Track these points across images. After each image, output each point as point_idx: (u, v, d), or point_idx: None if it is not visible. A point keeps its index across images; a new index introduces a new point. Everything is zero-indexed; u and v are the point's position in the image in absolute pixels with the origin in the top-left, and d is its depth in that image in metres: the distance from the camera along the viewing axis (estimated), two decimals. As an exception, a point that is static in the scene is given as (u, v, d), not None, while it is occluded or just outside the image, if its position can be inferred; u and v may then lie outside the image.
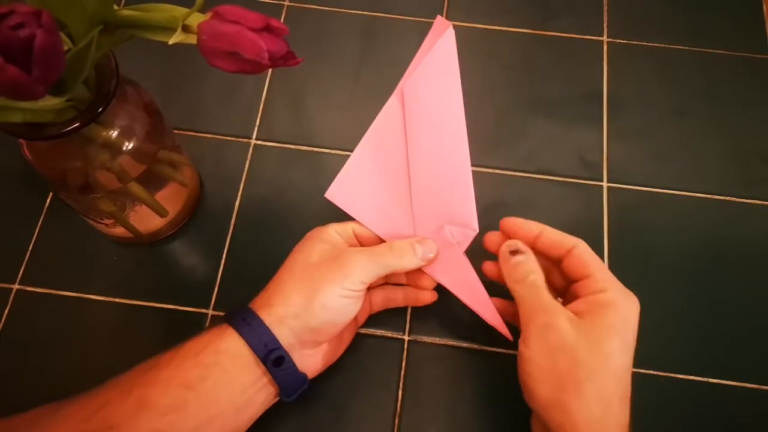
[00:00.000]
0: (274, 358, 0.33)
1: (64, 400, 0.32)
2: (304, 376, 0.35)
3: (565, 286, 0.37)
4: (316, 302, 0.33)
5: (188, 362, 0.32)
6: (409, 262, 0.37)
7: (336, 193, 0.40)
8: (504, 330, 0.38)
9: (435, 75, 0.36)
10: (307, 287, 0.34)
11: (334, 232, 0.38)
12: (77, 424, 0.30)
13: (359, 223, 0.39)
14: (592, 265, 0.35)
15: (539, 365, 0.32)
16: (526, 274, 0.35)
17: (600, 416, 0.31)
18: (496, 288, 0.38)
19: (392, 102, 0.39)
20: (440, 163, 0.37)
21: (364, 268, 0.35)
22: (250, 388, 0.33)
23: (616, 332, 0.32)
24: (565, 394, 0.31)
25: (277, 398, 0.35)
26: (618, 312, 0.33)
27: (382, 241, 0.39)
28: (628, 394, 0.32)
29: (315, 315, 0.34)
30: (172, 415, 0.31)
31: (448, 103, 0.36)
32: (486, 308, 0.38)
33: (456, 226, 0.38)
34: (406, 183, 0.39)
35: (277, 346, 0.33)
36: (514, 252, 0.36)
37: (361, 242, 0.39)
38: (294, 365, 0.34)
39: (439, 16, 0.37)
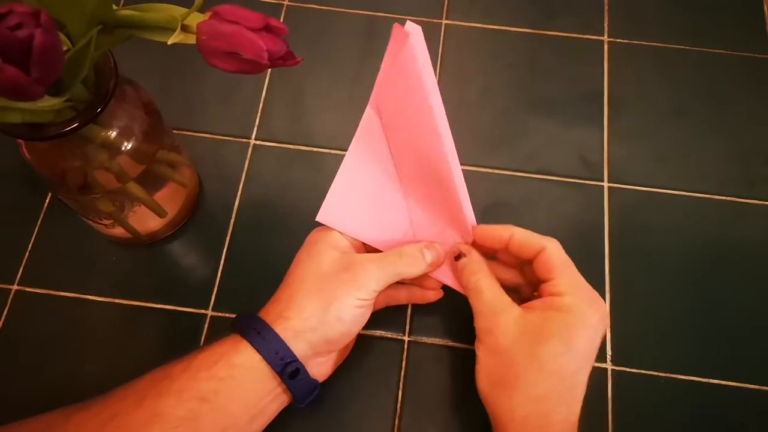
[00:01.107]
0: (290, 371, 0.33)
1: (74, 406, 0.32)
2: (316, 382, 0.35)
3: (536, 284, 0.37)
4: (331, 314, 0.34)
5: (202, 374, 0.32)
6: (419, 268, 0.37)
7: (327, 214, 0.38)
8: None
9: (401, 83, 0.34)
10: (321, 299, 0.34)
11: (339, 234, 0.37)
12: None
13: None
14: (555, 269, 0.35)
15: (482, 363, 0.35)
16: (469, 278, 0.36)
17: (526, 414, 0.32)
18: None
19: (369, 114, 0.37)
20: (428, 171, 0.36)
21: (377, 277, 0.35)
22: (264, 399, 0.33)
23: (557, 335, 0.33)
24: (497, 391, 0.34)
25: (289, 403, 0.35)
26: (567, 316, 0.33)
27: None
28: (575, 395, 0.33)
29: (331, 327, 0.34)
30: (185, 426, 0.31)
31: (420, 110, 0.34)
32: None
33: (455, 229, 0.38)
34: (398, 193, 0.38)
35: (293, 359, 0.33)
36: (457, 256, 0.37)
37: (366, 245, 0.39)
38: (308, 375, 0.34)
39: (396, 24, 0.33)
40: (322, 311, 0.34)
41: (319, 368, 0.36)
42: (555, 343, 0.33)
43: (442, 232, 0.38)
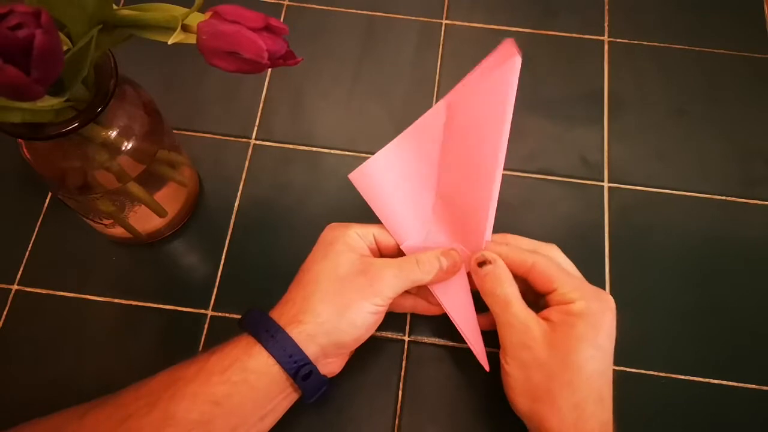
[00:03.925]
0: (303, 374, 0.33)
1: (87, 405, 0.32)
2: (325, 379, 0.35)
3: (537, 296, 0.37)
4: (346, 320, 0.34)
5: (215, 378, 0.32)
6: (435, 276, 0.36)
7: (359, 177, 0.38)
8: (483, 360, 0.37)
9: (488, 100, 0.35)
10: (337, 303, 0.34)
11: (356, 235, 0.37)
12: None
13: (379, 227, 0.38)
14: (555, 279, 0.35)
15: (516, 379, 0.34)
16: (494, 287, 0.35)
17: (573, 421, 0.32)
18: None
19: (439, 107, 0.38)
20: (467, 186, 0.36)
21: (394, 284, 0.35)
22: (276, 398, 0.34)
23: (586, 340, 0.33)
24: (540, 405, 0.33)
25: (299, 399, 0.36)
26: (588, 320, 0.34)
27: (400, 248, 0.38)
28: (606, 394, 0.33)
29: (344, 332, 0.34)
30: (198, 429, 0.31)
31: (493, 131, 0.35)
32: (473, 333, 0.38)
33: (465, 248, 0.38)
34: (431, 192, 0.39)
35: (306, 362, 0.33)
36: (482, 263, 0.36)
37: (381, 248, 0.38)
38: (319, 374, 0.34)
39: (509, 39, 0.35)
40: (337, 316, 0.34)
41: (329, 367, 0.36)
42: (585, 348, 0.33)
43: (455, 241, 0.38)
